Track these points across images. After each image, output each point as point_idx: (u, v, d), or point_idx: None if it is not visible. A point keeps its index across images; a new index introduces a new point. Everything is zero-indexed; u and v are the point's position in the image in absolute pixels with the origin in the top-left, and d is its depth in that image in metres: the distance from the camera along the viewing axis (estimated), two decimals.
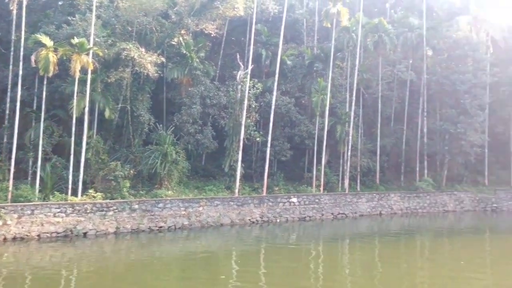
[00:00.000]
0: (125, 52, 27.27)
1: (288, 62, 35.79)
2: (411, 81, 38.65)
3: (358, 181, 35.50)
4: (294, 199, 31.30)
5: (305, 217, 31.04)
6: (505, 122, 40.84)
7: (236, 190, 29.92)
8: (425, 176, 36.92)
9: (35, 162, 25.85)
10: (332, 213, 32.23)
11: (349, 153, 34.69)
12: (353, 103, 35.46)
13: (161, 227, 25.73)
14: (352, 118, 35.14)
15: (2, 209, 21.78)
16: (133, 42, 28.64)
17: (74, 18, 27.81)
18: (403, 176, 37.24)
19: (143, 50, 28.14)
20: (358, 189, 35.22)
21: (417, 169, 37.19)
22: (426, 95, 38.54)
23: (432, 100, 38.85)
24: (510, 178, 39.88)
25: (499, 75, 41.26)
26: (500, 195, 38.09)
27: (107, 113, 27.90)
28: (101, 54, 26.82)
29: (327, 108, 34.03)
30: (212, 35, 32.72)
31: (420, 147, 37.61)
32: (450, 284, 16.75)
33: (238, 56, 32.55)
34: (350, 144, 34.78)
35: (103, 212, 24.24)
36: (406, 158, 37.52)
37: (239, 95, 31.45)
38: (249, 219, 29.06)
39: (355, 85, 35.73)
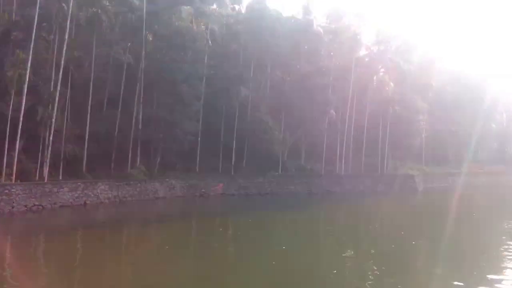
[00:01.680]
0: None
1: None
2: (129, 65, 39.94)
3: (61, 169, 34.55)
4: None
5: None
6: (218, 112, 46.76)
7: None
8: (138, 164, 38.90)
9: None
10: (25, 205, 30.57)
11: (51, 139, 33.41)
12: (59, 83, 34.14)
13: None
14: (57, 99, 33.80)
15: None
16: None
17: None
18: (114, 163, 38.27)
19: None
20: (61, 177, 34.29)
21: (130, 156, 38.75)
22: (144, 81, 40.48)
23: (149, 87, 41.13)
24: (219, 165, 46.10)
25: (216, 69, 46.99)
26: (208, 181, 43.58)
27: None
28: None
29: (26, 85, 31.66)
30: None
31: (134, 134, 39.37)
32: (157, 272, 17.69)
33: None
34: (53, 128, 33.49)
35: None
36: (118, 145, 38.67)
37: None
38: None
39: (62, 62, 34.38)
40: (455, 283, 16.65)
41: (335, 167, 54.78)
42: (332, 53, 59.49)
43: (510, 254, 22.86)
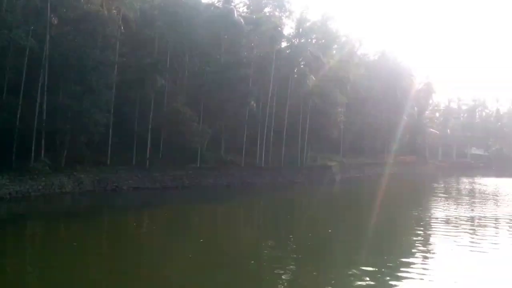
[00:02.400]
0: None
1: None
2: (32, 50, 37.92)
3: None
4: None
5: None
6: (132, 103, 45.90)
7: None
8: (42, 157, 37.29)
9: None
10: None
11: None
12: None
13: None
14: None
15: None
16: None
17: None
18: (15, 156, 36.31)
19: None
20: None
21: (33, 148, 37.04)
22: (49, 67, 38.77)
23: (55, 74, 39.48)
24: (132, 158, 45.31)
25: (129, 56, 45.91)
26: (121, 174, 42.80)
27: None
28: None
29: None
30: None
31: (38, 124, 37.61)
32: (65, 276, 17.19)
33: None
34: None
35: None
36: (20, 136, 36.72)
37: None
38: None
39: None
40: (369, 268, 18.02)
41: (255, 159, 55.99)
42: (253, 44, 60.68)
43: (418, 239, 25.28)
